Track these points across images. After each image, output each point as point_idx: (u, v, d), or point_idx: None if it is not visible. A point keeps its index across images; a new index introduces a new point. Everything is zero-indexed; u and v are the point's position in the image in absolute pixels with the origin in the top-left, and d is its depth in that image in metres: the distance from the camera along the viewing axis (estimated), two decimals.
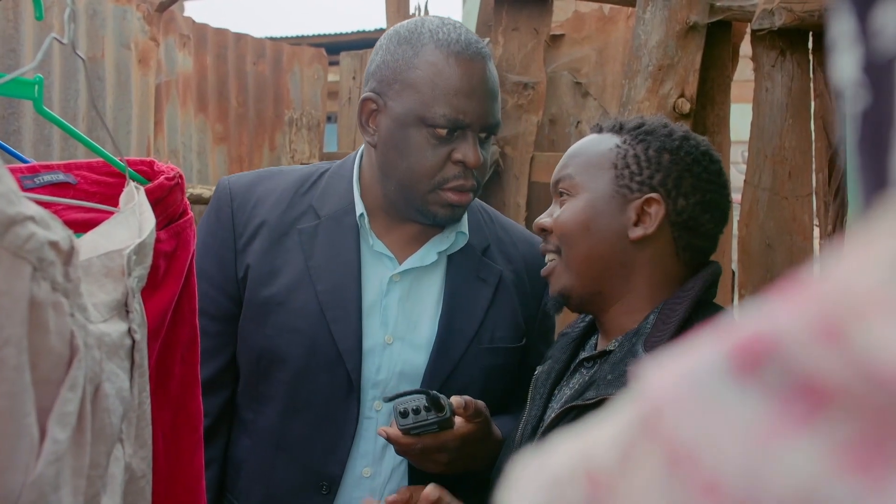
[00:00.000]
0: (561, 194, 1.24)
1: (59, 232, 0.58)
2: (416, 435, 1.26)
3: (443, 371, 1.40)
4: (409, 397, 1.28)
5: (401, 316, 1.41)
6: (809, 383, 0.22)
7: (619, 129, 1.23)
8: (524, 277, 1.50)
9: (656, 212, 1.17)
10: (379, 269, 1.42)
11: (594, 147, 1.23)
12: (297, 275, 1.40)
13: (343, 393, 1.37)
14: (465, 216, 1.48)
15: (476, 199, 1.58)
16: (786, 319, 0.23)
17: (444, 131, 1.31)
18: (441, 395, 1.27)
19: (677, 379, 0.25)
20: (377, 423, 1.39)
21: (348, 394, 1.37)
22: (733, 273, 2.47)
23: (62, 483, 0.57)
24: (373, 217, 1.44)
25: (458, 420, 1.29)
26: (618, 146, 1.20)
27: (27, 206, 0.55)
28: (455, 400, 1.28)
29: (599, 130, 1.26)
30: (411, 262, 1.43)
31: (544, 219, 1.25)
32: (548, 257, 1.26)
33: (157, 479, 0.93)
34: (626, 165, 1.19)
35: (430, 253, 1.43)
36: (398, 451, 1.30)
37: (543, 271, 1.26)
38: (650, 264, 1.19)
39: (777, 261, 2.28)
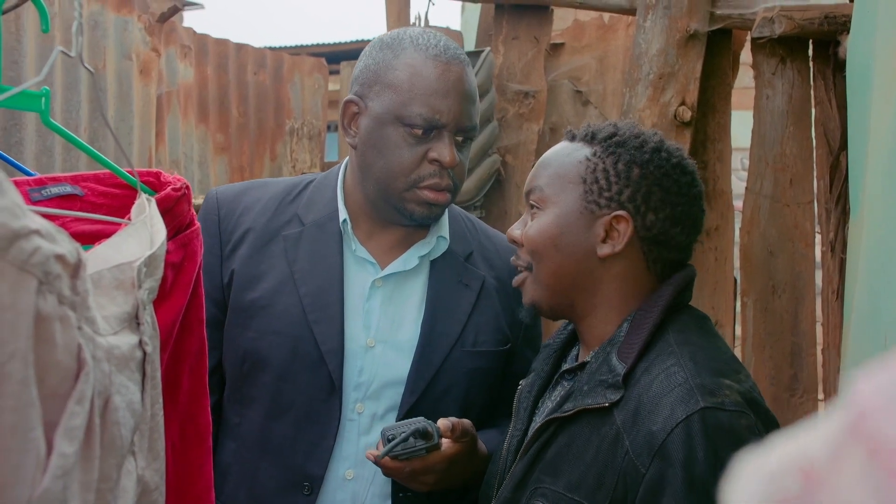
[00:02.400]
0: (532, 206, 1.22)
1: (65, 245, 0.58)
2: (405, 460, 1.27)
3: (425, 374, 1.42)
4: (397, 424, 1.29)
5: (383, 319, 1.44)
6: None
7: (590, 139, 1.20)
8: (507, 284, 1.49)
9: (624, 229, 1.15)
10: (361, 273, 1.45)
11: (564, 158, 1.21)
12: (280, 279, 1.43)
13: (325, 394, 1.39)
14: (447, 223, 1.51)
15: (461, 208, 1.63)
16: None
17: (420, 130, 1.35)
18: (429, 424, 1.28)
19: (880, 387, 0.29)
20: (359, 425, 1.42)
21: (330, 395, 1.39)
22: (735, 280, 2.47)
23: (70, 497, 0.57)
24: (356, 223, 1.47)
25: (444, 441, 1.31)
26: (588, 158, 1.18)
27: (32, 219, 0.55)
28: (442, 423, 1.30)
29: (572, 138, 1.23)
30: (393, 267, 1.45)
31: (515, 230, 1.25)
32: (519, 268, 1.26)
33: (166, 490, 0.93)
34: (595, 180, 1.17)
35: (412, 258, 1.46)
36: (385, 474, 1.32)
37: (514, 281, 1.27)
38: (620, 279, 1.18)
39: (779, 268, 2.28)
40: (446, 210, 1.51)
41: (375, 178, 1.40)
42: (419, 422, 1.28)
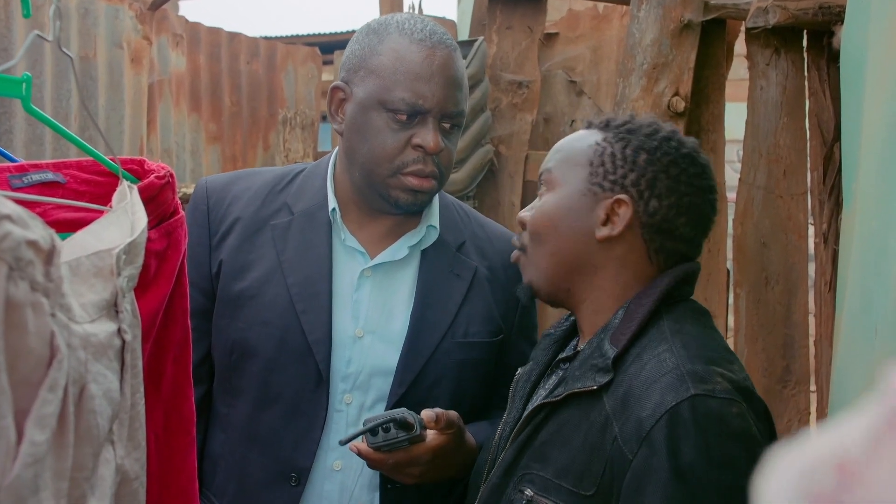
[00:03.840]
0: (542, 188, 1.24)
1: (38, 231, 0.57)
2: (388, 451, 1.27)
3: (415, 364, 1.41)
4: (379, 414, 1.29)
5: (372, 310, 1.43)
6: None
7: (605, 126, 1.21)
8: (500, 273, 1.51)
9: (624, 213, 1.15)
10: (351, 263, 1.44)
11: (576, 143, 1.22)
12: (269, 269, 1.42)
13: (312, 385, 1.39)
14: (437, 212, 1.49)
15: (454, 197, 1.61)
16: None
17: (403, 116, 1.34)
18: (410, 414, 1.28)
19: None
20: (347, 416, 1.41)
21: (317, 386, 1.39)
22: (728, 272, 2.46)
23: (42, 486, 0.56)
24: (345, 212, 1.46)
25: (430, 433, 1.30)
26: (598, 143, 1.19)
27: (3, 204, 0.54)
28: (426, 414, 1.29)
29: (589, 126, 1.24)
30: (383, 256, 1.44)
31: (524, 213, 1.25)
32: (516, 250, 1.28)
33: (149, 481, 0.92)
34: (601, 163, 1.17)
35: (402, 248, 1.45)
36: (370, 466, 1.32)
37: (512, 257, 1.28)
38: (618, 264, 1.17)
39: (772, 259, 2.28)
40: (437, 199, 1.50)
41: (360, 165, 1.39)
42: (399, 412, 1.27)
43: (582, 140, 1.21)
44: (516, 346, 1.52)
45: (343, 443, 1.27)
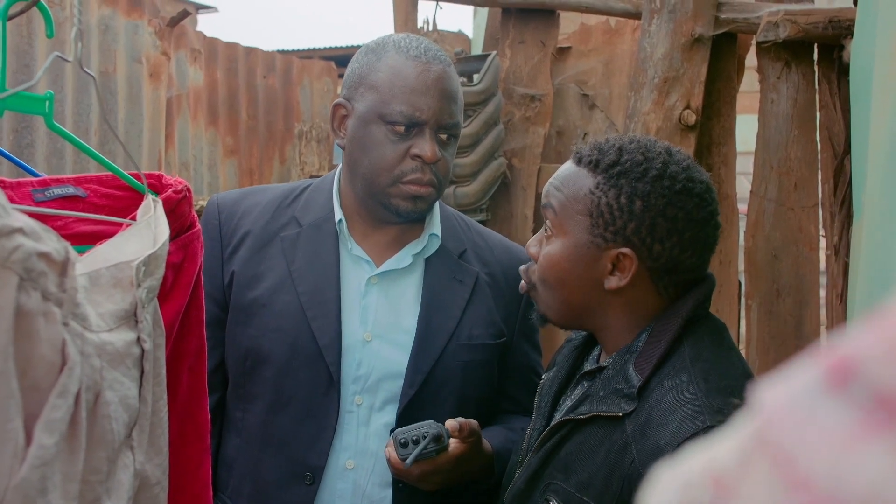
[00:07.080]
0: (547, 224, 1.24)
1: (51, 243, 0.59)
2: (413, 462, 1.31)
3: (424, 366, 1.46)
4: (408, 427, 1.33)
5: (379, 315, 1.49)
6: (887, 396, 0.27)
7: (594, 167, 1.19)
8: (500, 280, 1.57)
9: (629, 265, 1.16)
10: (357, 271, 1.51)
11: (573, 185, 1.20)
12: (279, 278, 1.48)
13: (324, 388, 1.44)
14: (439, 221, 1.56)
15: (455, 209, 1.68)
16: (870, 343, 0.28)
17: (401, 128, 1.41)
18: (441, 428, 1.32)
19: (784, 395, 0.30)
20: (357, 416, 1.46)
21: (329, 388, 1.44)
22: (739, 283, 2.46)
23: (50, 487, 0.58)
24: (351, 223, 1.53)
25: (452, 441, 1.35)
26: (592, 192, 1.17)
27: (15, 218, 0.56)
28: (450, 424, 1.34)
29: (578, 161, 1.22)
30: (388, 265, 1.51)
31: (533, 247, 1.26)
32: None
33: None
34: (600, 214, 1.17)
35: (406, 256, 1.52)
36: (396, 475, 1.37)
37: (520, 289, 1.30)
38: (629, 304, 1.19)
39: (783, 271, 2.28)
40: (437, 209, 1.56)
41: (362, 176, 1.45)
42: (432, 426, 1.32)
43: (577, 184, 1.19)
44: (519, 347, 1.59)
45: (408, 464, 1.31)
